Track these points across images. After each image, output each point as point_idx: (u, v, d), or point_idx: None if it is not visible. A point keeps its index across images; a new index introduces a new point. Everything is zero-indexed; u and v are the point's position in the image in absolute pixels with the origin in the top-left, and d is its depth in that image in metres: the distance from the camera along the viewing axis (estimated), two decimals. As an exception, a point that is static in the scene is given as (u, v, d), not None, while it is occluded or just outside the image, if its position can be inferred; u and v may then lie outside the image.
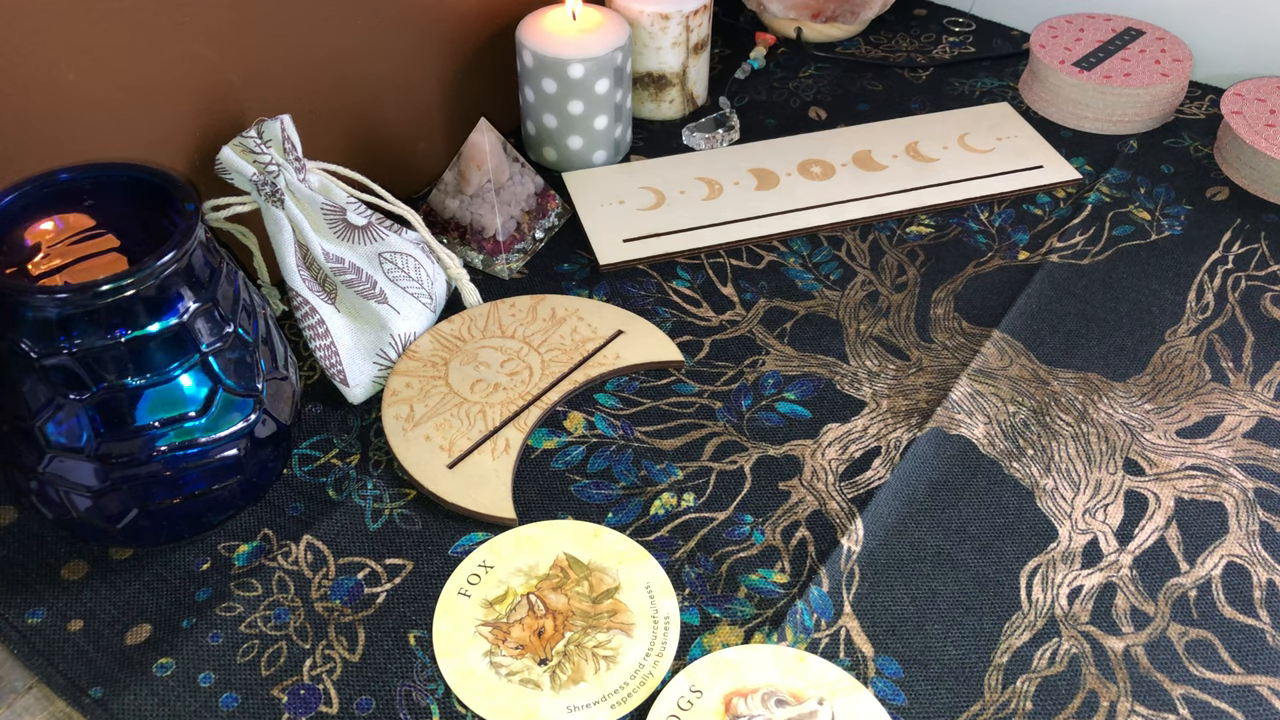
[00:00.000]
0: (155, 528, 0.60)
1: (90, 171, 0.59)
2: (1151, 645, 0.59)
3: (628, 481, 0.66)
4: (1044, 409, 0.71)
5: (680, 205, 0.85)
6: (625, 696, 0.56)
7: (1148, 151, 0.93)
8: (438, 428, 0.68)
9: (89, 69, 0.63)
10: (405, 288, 0.72)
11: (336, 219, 0.70)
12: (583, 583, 0.61)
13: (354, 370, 0.70)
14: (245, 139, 0.65)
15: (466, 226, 0.80)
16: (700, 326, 0.76)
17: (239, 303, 0.59)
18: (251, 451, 0.60)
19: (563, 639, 0.58)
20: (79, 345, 0.53)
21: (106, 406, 0.55)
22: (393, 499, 0.66)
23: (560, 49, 0.82)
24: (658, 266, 0.81)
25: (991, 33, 1.08)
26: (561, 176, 0.87)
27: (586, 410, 0.71)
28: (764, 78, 1.01)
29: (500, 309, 0.76)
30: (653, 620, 0.59)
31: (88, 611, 0.60)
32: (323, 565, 0.62)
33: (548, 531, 0.63)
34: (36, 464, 0.56)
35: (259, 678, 0.57)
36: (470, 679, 0.57)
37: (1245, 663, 0.58)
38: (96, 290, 0.52)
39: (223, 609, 0.60)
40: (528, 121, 0.89)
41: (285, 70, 0.73)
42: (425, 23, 0.81)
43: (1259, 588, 0.61)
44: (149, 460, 0.56)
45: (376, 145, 0.82)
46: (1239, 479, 0.67)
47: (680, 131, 0.93)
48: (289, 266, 0.68)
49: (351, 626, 0.59)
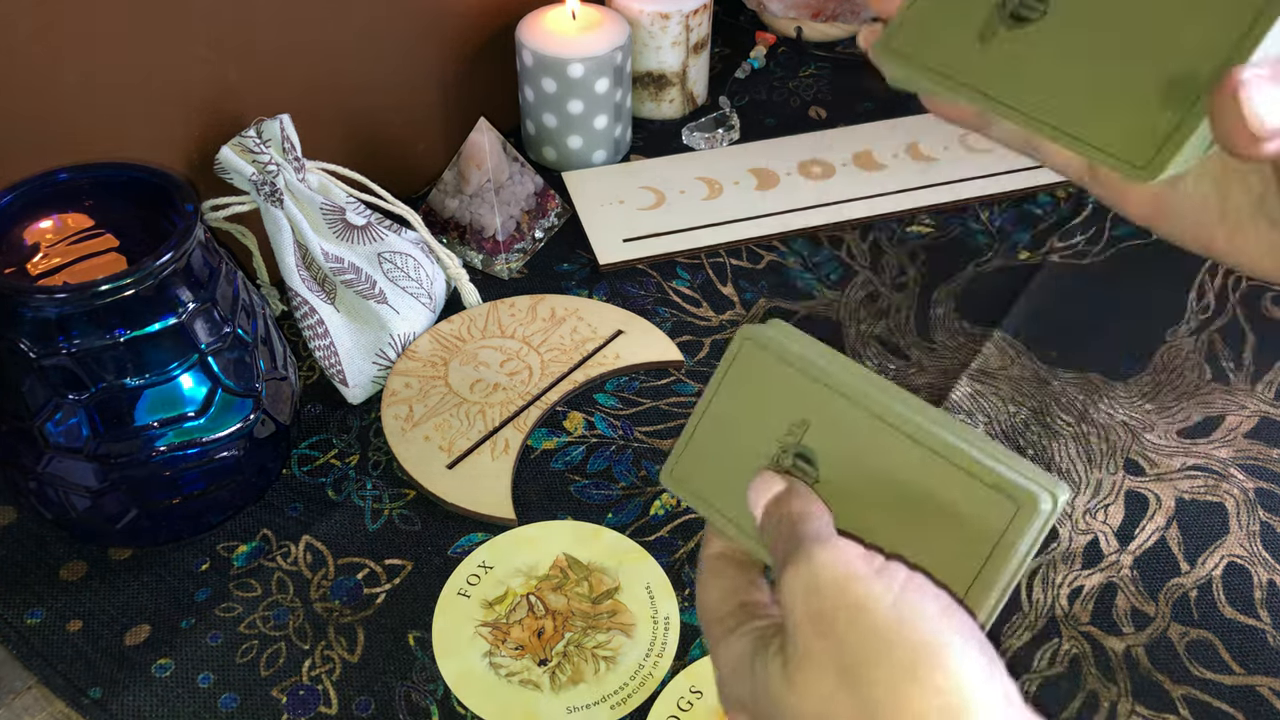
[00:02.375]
0: (154, 528, 0.60)
1: (89, 171, 0.59)
2: (1152, 645, 0.58)
3: (628, 481, 0.66)
4: (1044, 409, 0.71)
5: (680, 205, 0.85)
6: (625, 697, 0.56)
7: (1148, 151, 0.92)
8: (437, 428, 0.68)
9: (88, 69, 0.63)
10: (405, 288, 0.72)
11: (336, 219, 0.70)
12: (582, 583, 0.61)
13: (353, 370, 0.70)
14: (244, 139, 0.65)
15: (466, 226, 0.80)
16: (700, 326, 0.76)
17: (238, 303, 0.59)
18: (250, 452, 0.60)
19: (562, 639, 0.58)
20: (78, 345, 0.53)
21: (105, 406, 0.55)
22: (392, 499, 0.65)
23: (560, 48, 0.82)
24: (658, 266, 0.81)
25: (992, 32, 1.08)
26: (561, 176, 0.87)
27: (586, 410, 0.70)
28: (764, 77, 1.01)
29: (500, 309, 0.76)
30: (653, 621, 0.59)
31: (87, 612, 0.60)
32: (322, 565, 0.62)
33: (547, 532, 0.63)
34: (35, 464, 0.56)
35: (258, 678, 0.57)
36: (470, 679, 0.57)
37: (1246, 663, 0.58)
38: (95, 290, 0.52)
39: (222, 609, 0.60)
40: (527, 121, 0.89)
41: (284, 70, 0.73)
42: (425, 22, 0.81)
43: (1260, 588, 0.61)
44: (148, 460, 0.56)
45: (376, 145, 0.82)
46: (1240, 479, 0.67)
47: (680, 131, 0.93)
48: (288, 266, 0.68)
49: (351, 627, 0.59)
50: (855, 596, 0.33)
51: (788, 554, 0.36)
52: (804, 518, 0.37)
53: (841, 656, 0.33)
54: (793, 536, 0.36)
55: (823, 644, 0.33)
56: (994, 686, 0.32)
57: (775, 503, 0.38)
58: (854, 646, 0.33)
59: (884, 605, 0.33)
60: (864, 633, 0.33)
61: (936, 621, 0.32)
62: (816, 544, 0.35)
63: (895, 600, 0.33)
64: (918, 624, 0.32)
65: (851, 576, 0.34)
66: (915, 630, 0.32)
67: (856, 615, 0.33)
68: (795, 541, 0.36)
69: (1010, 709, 0.32)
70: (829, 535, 0.36)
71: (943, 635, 0.32)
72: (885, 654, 0.32)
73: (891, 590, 0.33)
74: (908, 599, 0.33)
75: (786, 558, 0.36)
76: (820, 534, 0.36)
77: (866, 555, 0.35)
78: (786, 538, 0.36)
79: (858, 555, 0.34)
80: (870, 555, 0.35)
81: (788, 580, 0.35)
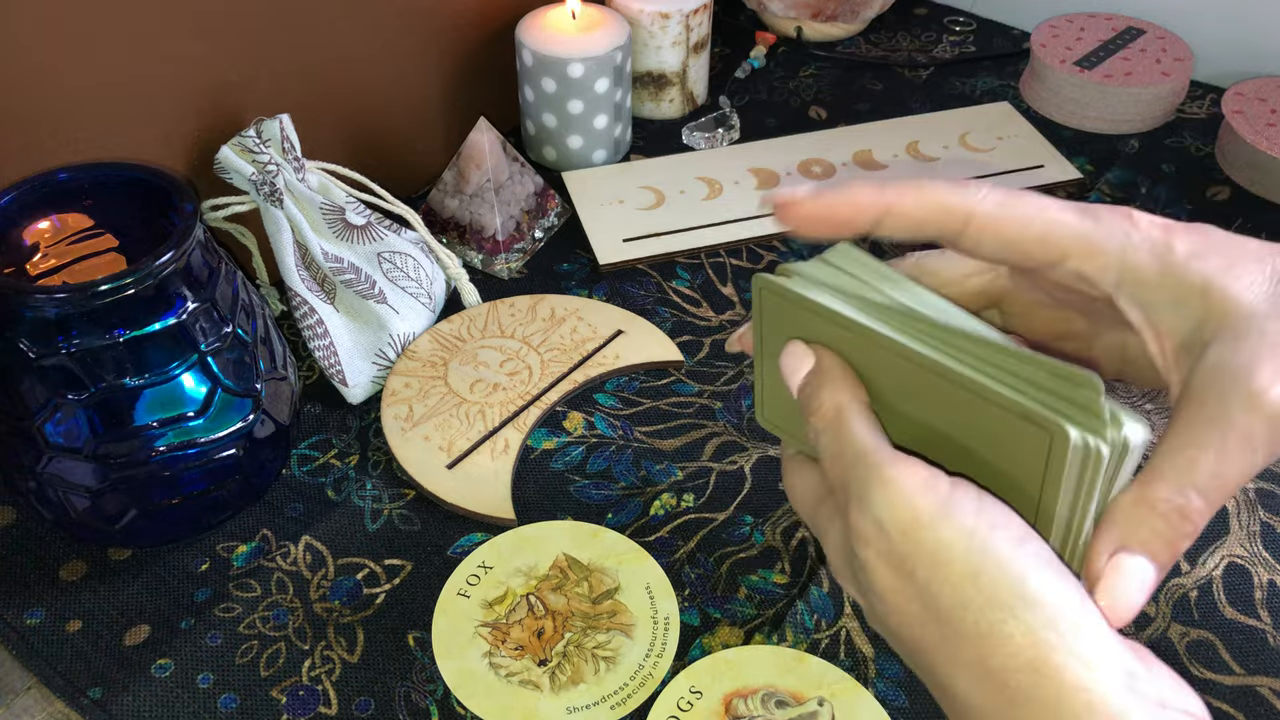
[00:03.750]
0: (154, 528, 0.60)
1: (89, 171, 0.59)
2: (1152, 646, 0.58)
3: (627, 482, 0.66)
4: (1044, 409, 0.71)
5: (680, 205, 0.85)
6: (625, 697, 0.56)
7: (1149, 151, 0.92)
8: (437, 428, 0.68)
9: (88, 68, 0.63)
10: (404, 287, 0.72)
11: (335, 219, 0.70)
12: (582, 583, 0.61)
13: (353, 370, 0.70)
14: (244, 138, 0.65)
15: (466, 226, 0.80)
16: (700, 326, 0.76)
17: (238, 302, 0.59)
18: (250, 452, 0.60)
19: (562, 640, 0.58)
20: (77, 345, 0.53)
21: (105, 406, 0.55)
22: (392, 499, 0.65)
23: (560, 48, 0.82)
24: (658, 266, 0.81)
25: (992, 32, 1.08)
26: (561, 176, 0.87)
27: (586, 410, 0.70)
28: (764, 77, 1.01)
29: (500, 309, 0.76)
30: (653, 621, 0.59)
31: (86, 612, 0.60)
32: (322, 566, 0.62)
33: (547, 532, 0.63)
34: (35, 464, 0.56)
35: (258, 678, 0.57)
36: (469, 680, 0.57)
37: (1246, 663, 0.58)
38: (95, 290, 0.52)
39: (221, 610, 0.60)
40: (527, 121, 0.89)
41: (284, 69, 0.73)
42: (425, 22, 0.81)
43: (1260, 588, 0.61)
44: (148, 460, 0.56)
45: (376, 145, 0.82)
46: (1240, 479, 0.67)
47: (680, 131, 0.93)
48: (288, 266, 0.68)
49: (351, 627, 0.59)
50: (929, 545, 0.33)
51: (845, 488, 0.36)
52: (842, 421, 0.37)
53: (925, 600, 0.33)
54: (842, 458, 0.36)
55: (904, 585, 0.34)
56: (1087, 613, 0.32)
57: (808, 386, 0.38)
58: (936, 596, 0.33)
59: (959, 553, 0.33)
60: (943, 583, 0.33)
61: (1010, 566, 0.32)
62: (874, 480, 0.35)
63: (967, 547, 0.33)
64: (994, 571, 0.32)
65: (919, 521, 0.33)
66: (994, 580, 0.32)
67: (933, 569, 0.33)
68: (848, 469, 0.36)
69: (1101, 628, 0.32)
70: (880, 459, 0.35)
71: (1027, 583, 0.32)
72: (970, 604, 0.32)
73: (963, 533, 0.33)
74: (978, 542, 0.33)
75: (846, 494, 0.36)
76: (872, 457, 0.35)
77: (929, 481, 0.34)
78: (834, 456, 0.36)
79: (920, 485, 0.34)
80: (933, 480, 0.34)
81: (854, 522, 0.35)
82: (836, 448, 0.37)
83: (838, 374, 0.38)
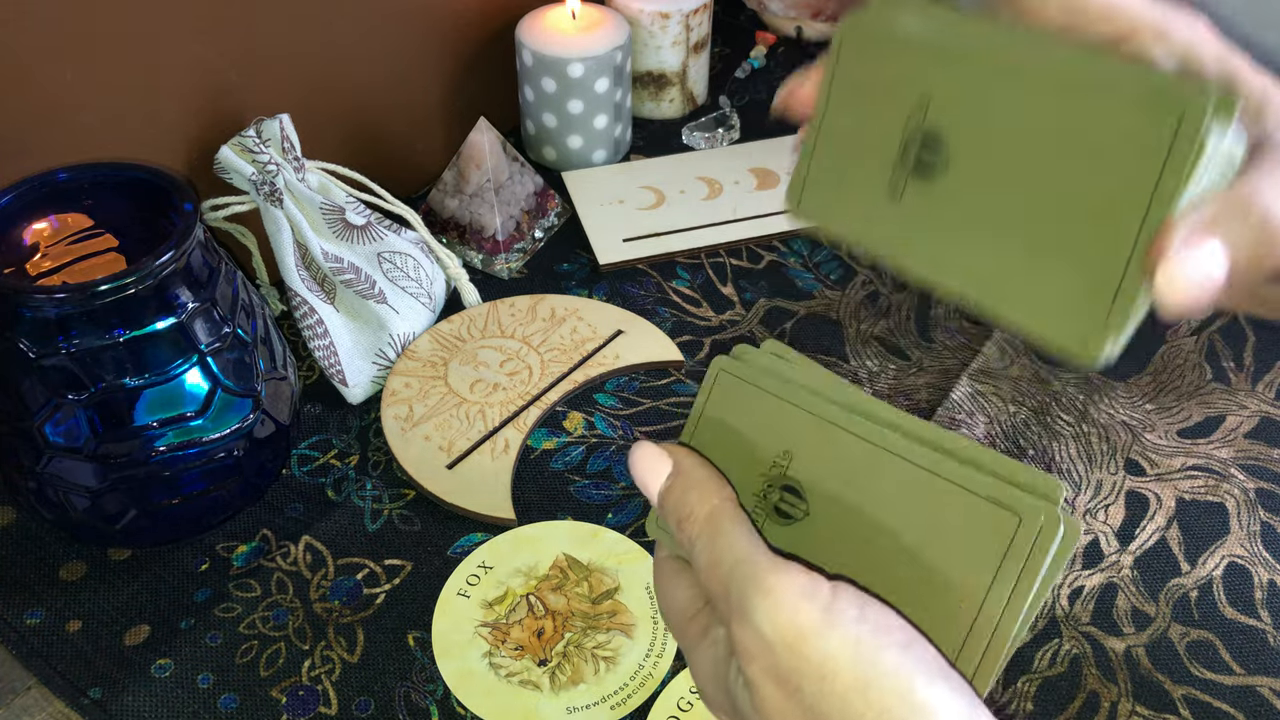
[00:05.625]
0: (154, 528, 0.60)
1: (89, 171, 0.59)
2: (1153, 646, 0.58)
3: (627, 482, 0.66)
4: (1044, 409, 0.71)
5: (680, 205, 0.85)
6: (625, 697, 0.56)
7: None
8: (437, 428, 0.68)
9: (87, 68, 0.63)
10: (404, 287, 0.72)
11: (335, 219, 0.70)
12: (582, 583, 0.61)
13: (353, 370, 0.70)
14: (244, 138, 0.65)
15: (466, 226, 0.80)
16: (700, 326, 0.76)
17: (238, 302, 0.59)
18: (250, 452, 0.60)
19: (562, 640, 0.58)
20: (77, 345, 0.53)
21: (105, 406, 0.55)
22: (392, 499, 0.65)
23: (560, 48, 0.82)
24: (657, 266, 0.81)
25: (992, 32, 1.08)
26: (561, 176, 0.87)
27: (586, 410, 0.70)
28: (764, 77, 1.01)
29: (500, 309, 0.76)
30: (653, 621, 0.59)
31: (86, 612, 0.60)
32: (322, 566, 0.62)
33: (547, 532, 0.63)
34: (35, 464, 0.56)
35: (258, 678, 0.57)
36: (469, 680, 0.57)
37: (1246, 663, 0.58)
38: (95, 290, 0.52)
39: (221, 610, 0.60)
40: (527, 121, 0.89)
41: (284, 69, 0.73)
42: (425, 21, 0.81)
43: (1260, 588, 0.61)
44: (148, 460, 0.56)
45: (376, 145, 0.82)
46: (1240, 479, 0.67)
47: (680, 131, 0.93)
48: (288, 266, 0.68)
49: (350, 627, 0.59)
50: (813, 658, 0.32)
51: (726, 599, 0.34)
52: (717, 527, 0.35)
53: (812, 718, 0.32)
54: (720, 566, 0.34)
55: (790, 703, 0.32)
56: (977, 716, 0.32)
57: (671, 492, 0.37)
58: (825, 715, 0.32)
59: (845, 665, 0.32)
60: (830, 698, 0.32)
61: (898, 677, 0.31)
62: (754, 590, 0.33)
63: (854, 657, 0.32)
64: (883, 682, 0.31)
65: (802, 634, 0.32)
66: (882, 692, 0.31)
67: (820, 683, 0.32)
68: (727, 578, 0.34)
69: None
70: (758, 567, 0.33)
71: (915, 693, 0.31)
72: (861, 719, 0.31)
73: (849, 643, 0.32)
74: (865, 653, 0.32)
75: (728, 605, 0.34)
76: (749, 565, 0.33)
77: (809, 589, 0.33)
78: (711, 565, 0.35)
79: (800, 593, 0.32)
80: (813, 586, 0.33)
81: (736, 635, 0.34)
82: (713, 555, 0.35)
83: (701, 476, 0.36)
